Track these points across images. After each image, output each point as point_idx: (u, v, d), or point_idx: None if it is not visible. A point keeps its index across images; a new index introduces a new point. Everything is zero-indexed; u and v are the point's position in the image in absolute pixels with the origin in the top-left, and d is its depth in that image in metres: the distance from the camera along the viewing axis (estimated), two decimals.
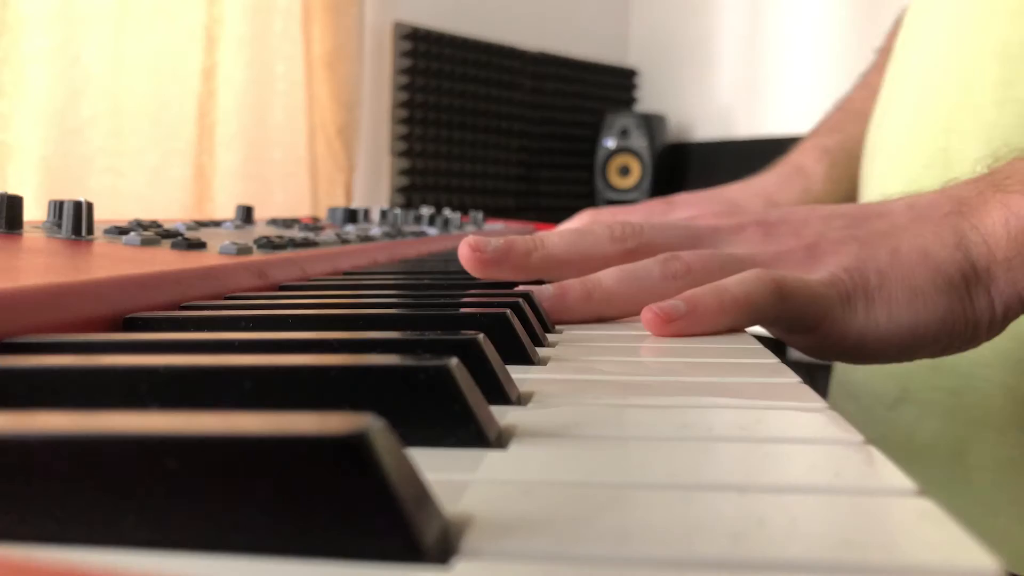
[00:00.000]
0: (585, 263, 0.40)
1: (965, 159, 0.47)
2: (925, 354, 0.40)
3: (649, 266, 0.39)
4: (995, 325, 0.39)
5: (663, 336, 0.35)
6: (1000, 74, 0.53)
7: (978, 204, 0.39)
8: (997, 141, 0.51)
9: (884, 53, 0.82)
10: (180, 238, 0.44)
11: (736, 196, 0.74)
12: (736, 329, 0.36)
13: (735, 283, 0.36)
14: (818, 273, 0.38)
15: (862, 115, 0.77)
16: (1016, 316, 0.39)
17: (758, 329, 0.39)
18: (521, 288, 0.39)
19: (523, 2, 2.59)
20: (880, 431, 0.58)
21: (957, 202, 0.40)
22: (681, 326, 0.35)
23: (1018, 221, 0.38)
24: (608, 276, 0.39)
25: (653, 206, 0.72)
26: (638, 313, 0.39)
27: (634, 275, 0.39)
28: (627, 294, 0.39)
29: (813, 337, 0.39)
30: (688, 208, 0.71)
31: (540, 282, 0.41)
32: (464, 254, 0.40)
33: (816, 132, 0.79)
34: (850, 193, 0.74)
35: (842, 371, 0.65)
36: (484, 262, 0.41)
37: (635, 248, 0.41)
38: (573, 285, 0.39)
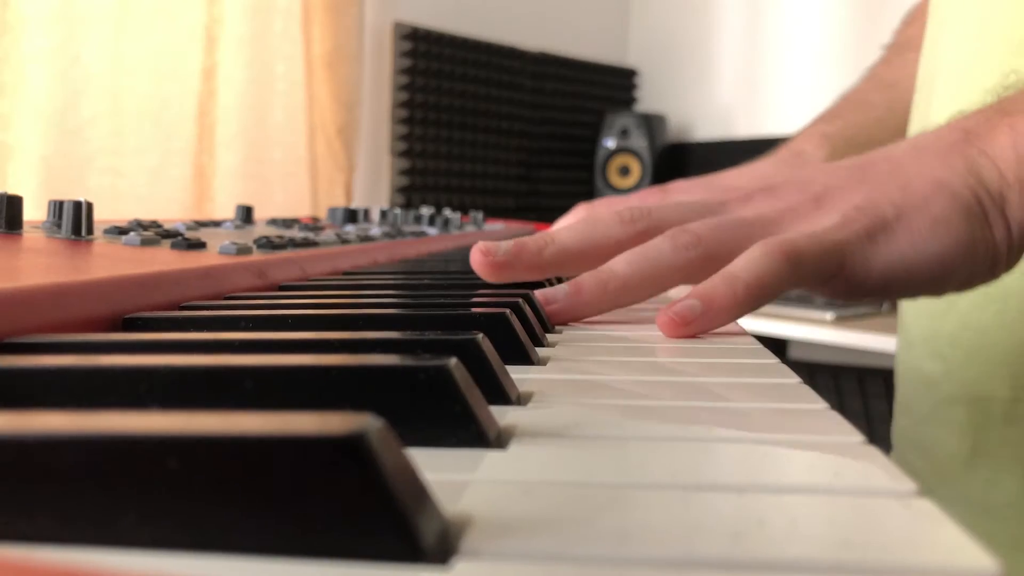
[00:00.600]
0: (598, 252, 0.40)
1: None
2: (951, 286, 0.39)
3: (659, 244, 0.38)
4: (1013, 252, 0.38)
5: (681, 338, 0.35)
6: None
7: (985, 131, 0.39)
8: None
9: (892, 48, 0.82)
10: (180, 238, 0.44)
11: (733, 182, 0.73)
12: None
13: (744, 267, 0.35)
14: (830, 219, 0.38)
15: (865, 104, 0.77)
16: None
17: (758, 328, 0.39)
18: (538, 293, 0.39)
19: (523, 2, 2.59)
20: (956, 491, 0.56)
21: (963, 131, 0.39)
22: (699, 325, 0.35)
23: None
24: (620, 263, 0.38)
25: (648, 195, 0.71)
26: (658, 293, 0.39)
27: (645, 256, 0.38)
28: (642, 276, 0.38)
29: (838, 283, 0.38)
30: (684, 196, 0.71)
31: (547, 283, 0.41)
32: (476, 260, 0.40)
33: (818, 119, 0.79)
34: None
35: (908, 425, 0.63)
36: (497, 265, 0.40)
37: (646, 229, 0.41)
38: (586, 279, 0.38)
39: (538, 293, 0.39)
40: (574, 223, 0.42)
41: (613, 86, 2.82)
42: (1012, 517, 0.53)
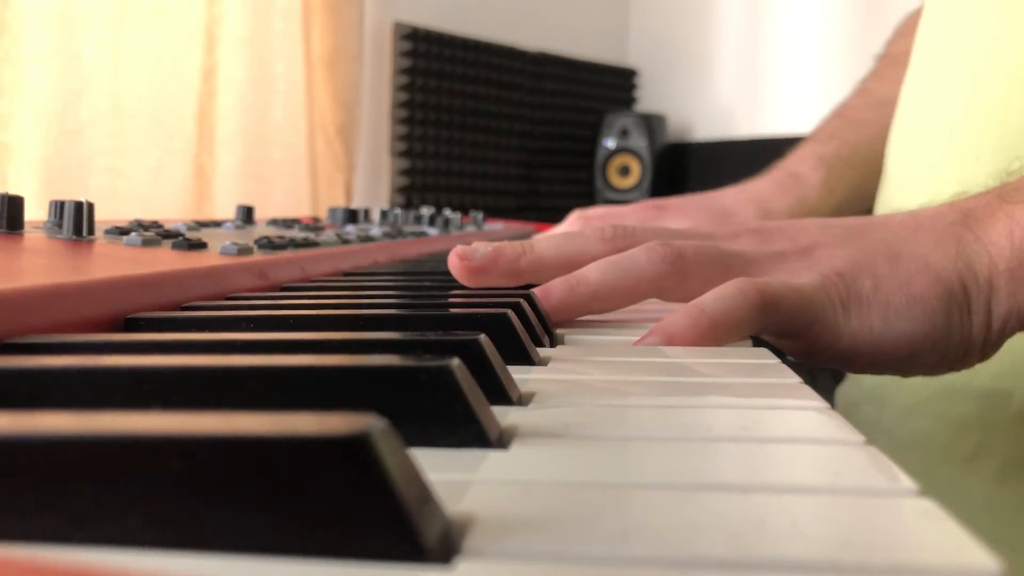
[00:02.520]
0: (575, 265, 0.39)
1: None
2: (919, 368, 0.39)
3: (634, 253, 0.37)
4: (990, 342, 0.38)
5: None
6: None
7: (984, 215, 0.39)
8: None
9: (884, 59, 0.81)
10: (181, 238, 0.44)
11: (729, 202, 0.73)
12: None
13: (712, 301, 0.34)
14: (809, 276, 0.37)
15: (859, 123, 0.76)
16: (1012, 334, 0.38)
17: None
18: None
19: (523, 2, 2.59)
20: (955, 488, 0.55)
21: (962, 213, 0.39)
22: (666, 341, 0.34)
23: (1022, 232, 0.37)
24: (592, 269, 0.38)
25: (643, 210, 0.71)
26: (630, 304, 0.38)
27: (618, 264, 0.37)
28: (613, 284, 0.37)
29: (803, 341, 0.37)
30: (679, 213, 0.70)
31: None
32: (453, 263, 0.40)
33: (812, 139, 0.78)
34: (845, 201, 0.73)
35: (892, 422, 0.62)
36: (472, 270, 0.40)
37: (626, 248, 0.40)
38: (556, 283, 0.38)
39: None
40: (555, 234, 0.42)
41: (613, 86, 2.82)
42: (1017, 518, 0.53)
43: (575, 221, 0.71)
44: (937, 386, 0.56)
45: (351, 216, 0.79)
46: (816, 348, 0.37)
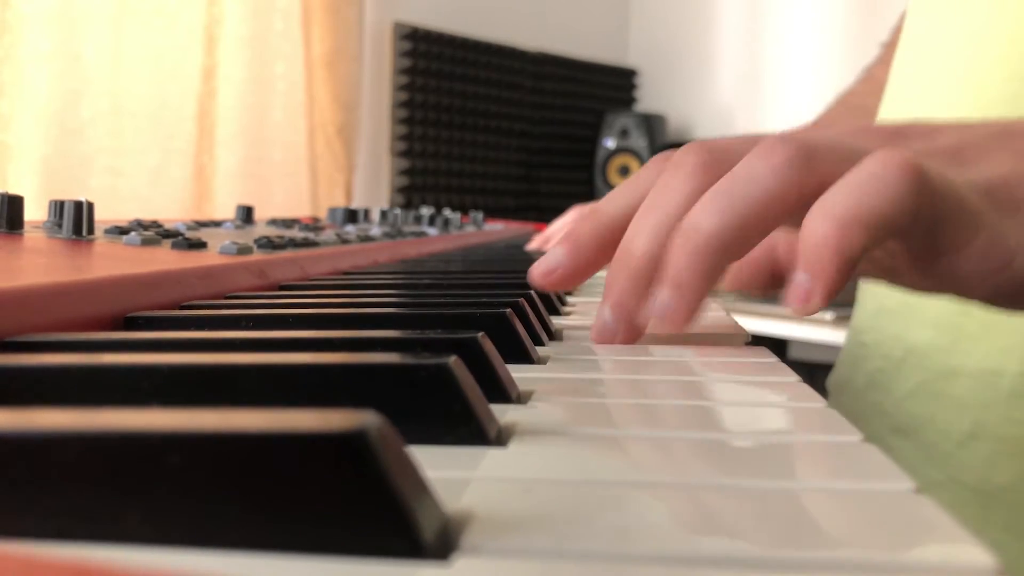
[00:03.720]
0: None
1: None
2: None
3: (750, 168, 0.27)
4: None
5: (809, 313, 0.26)
6: None
7: None
8: None
9: (889, 48, 0.81)
10: (180, 238, 0.44)
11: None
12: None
13: (848, 199, 0.25)
14: (969, 177, 0.29)
15: (862, 110, 0.76)
16: None
17: (758, 328, 0.39)
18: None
19: (523, 2, 2.59)
20: (947, 472, 0.52)
21: None
22: (817, 300, 0.25)
23: None
24: (699, 216, 0.28)
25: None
26: (760, 240, 0.28)
27: (730, 193, 0.27)
28: (738, 222, 0.27)
29: (960, 259, 0.28)
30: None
31: None
32: (537, 283, 0.34)
33: (814, 126, 0.79)
34: None
35: (891, 406, 0.60)
36: (562, 277, 0.33)
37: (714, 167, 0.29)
38: (673, 257, 0.28)
39: (614, 298, 0.31)
40: (619, 192, 0.34)
41: (613, 86, 2.82)
42: (1007, 500, 0.52)
43: (575, 218, 0.71)
44: (935, 368, 0.56)
45: (351, 216, 0.79)
46: (980, 268, 0.29)
